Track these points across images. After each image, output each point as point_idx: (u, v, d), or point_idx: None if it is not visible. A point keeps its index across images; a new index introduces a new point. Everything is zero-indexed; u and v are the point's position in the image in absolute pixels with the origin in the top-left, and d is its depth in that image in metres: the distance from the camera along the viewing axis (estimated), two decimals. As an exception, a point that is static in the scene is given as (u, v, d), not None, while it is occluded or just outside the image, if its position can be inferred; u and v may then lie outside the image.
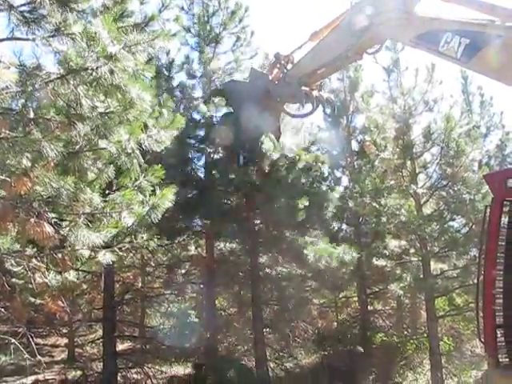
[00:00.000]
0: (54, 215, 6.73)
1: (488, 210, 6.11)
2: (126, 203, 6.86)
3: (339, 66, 10.75)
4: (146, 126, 7.34)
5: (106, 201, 6.92)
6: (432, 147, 14.94)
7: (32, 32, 5.58)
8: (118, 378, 13.67)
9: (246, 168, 12.00)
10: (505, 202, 6.02)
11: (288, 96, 10.81)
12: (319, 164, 12.82)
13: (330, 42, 9.88)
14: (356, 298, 18.99)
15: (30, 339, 7.39)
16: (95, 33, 5.22)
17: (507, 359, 5.88)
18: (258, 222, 14.42)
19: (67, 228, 6.44)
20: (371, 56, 11.27)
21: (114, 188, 7.51)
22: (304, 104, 10.87)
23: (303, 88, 10.65)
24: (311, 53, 10.34)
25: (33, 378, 12.37)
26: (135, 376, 14.47)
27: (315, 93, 10.67)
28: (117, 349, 14.01)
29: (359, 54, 9.79)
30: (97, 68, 5.32)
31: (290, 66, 11.18)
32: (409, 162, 15.04)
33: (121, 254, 6.86)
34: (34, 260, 6.70)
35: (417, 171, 15.12)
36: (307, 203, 11.76)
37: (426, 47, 7.52)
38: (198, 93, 15.20)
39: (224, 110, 12.64)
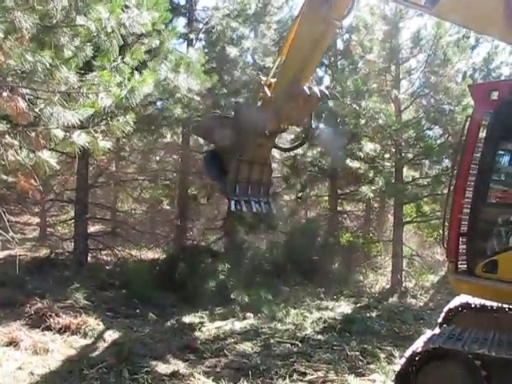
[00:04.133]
0: (28, 91, 6.54)
1: (468, 121, 6.11)
2: (104, 84, 6.67)
3: (323, 45, 10.10)
4: (127, 7, 6.99)
5: (82, 80, 6.71)
6: (419, 54, 14.64)
7: None
8: (89, 258, 13.96)
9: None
10: (486, 115, 6.02)
11: (284, 105, 10.05)
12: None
13: (304, 31, 9.35)
14: (326, 198, 19.33)
15: (3, 215, 7.40)
16: None
17: (465, 266, 6.12)
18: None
19: (42, 105, 6.27)
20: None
21: (92, 69, 7.25)
22: (312, 92, 10.16)
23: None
24: (289, 57, 9.73)
25: (5, 253, 12.53)
26: (105, 258, 14.78)
27: (315, 88, 10.07)
28: (88, 230, 14.21)
29: (338, 20, 9.33)
30: None
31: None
32: (393, 67, 14.80)
33: (96, 135, 6.74)
34: (7, 137, 6.56)
35: (400, 77, 14.92)
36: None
37: None
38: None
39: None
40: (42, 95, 6.73)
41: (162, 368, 7.21)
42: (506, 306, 6.69)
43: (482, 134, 6.12)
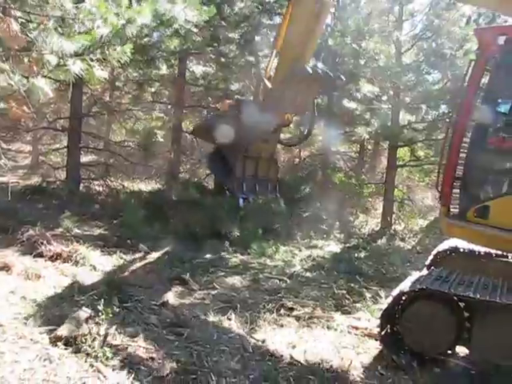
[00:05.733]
0: (20, 14, 6.34)
1: (471, 66, 6.01)
2: (101, 13, 6.46)
3: (319, 26, 9.73)
4: None
5: (78, 7, 6.49)
6: (424, -6, 14.36)
7: None
8: (81, 188, 13.95)
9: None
10: (490, 60, 5.92)
11: (287, 91, 9.54)
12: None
13: (298, 14, 9.02)
14: (321, 138, 19.25)
15: (-5, 141, 7.32)
16: None
17: (457, 210, 6.19)
18: (235, 48, 14.08)
19: (36, 30, 6.09)
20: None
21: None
22: (316, 72, 9.70)
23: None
24: (286, 43, 9.30)
25: (-2, 179, 12.52)
26: (97, 188, 14.77)
27: (318, 69, 9.68)
28: (80, 160, 14.14)
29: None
30: None
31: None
32: (397, 8, 14.49)
33: (91, 63, 6.58)
34: (-2, 60, 6.39)
35: (403, 18, 14.62)
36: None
37: None
38: None
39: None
40: (35, 19, 6.53)
41: (152, 298, 7.31)
42: (493, 251, 6.81)
43: (485, 79, 6.04)
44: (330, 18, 16.89)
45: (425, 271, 6.65)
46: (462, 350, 5.74)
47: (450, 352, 5.60)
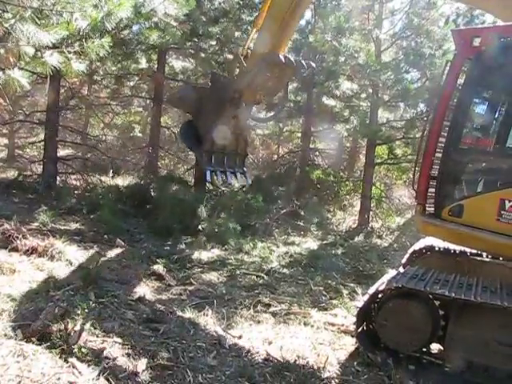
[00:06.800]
0: (-5, 5, 6.25)
1: (448, 66, 6.07)
2: (79, 4, 6.38)
3: (299, 14, 9.68)
4: None
5: (55, -2, 6.41)
6: (404, -7, 14.48)
7: None
8: (57, 182, 13.80)
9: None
10: (466, 61, 5.98)
11: (260, 75, 9.53)
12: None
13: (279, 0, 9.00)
14: (300, 134, 19.31)
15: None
16: None
17: (432, 209, 6.25)
18: (214, 43, 14.03)
19: (12, 20, 5.99)
20: None
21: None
22: (287, 62, 9.70)
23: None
24: (264, 27, 9.25)
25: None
26: (74, 182, 14.62)
27: (291, 57, 9.68)
28: (57, 154, 13.98)
29: None
30: None
31: None
32: (377, 6, 14.56)
33: (69, 56, 6.51)
34: (-28, 53, 6.28)
35: (383, 16, 14.71)
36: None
37: None
38: None
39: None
40: (11, 10, 6.43)
41: (128, 293, 7.27)
42: (467, 250, 6.89)
43: (461, 80, 6.09)
44: (311, 14, 17.01)
45: (401, 269, 6.71)
46: (436, 348, 5.81)
47: (424, 349, 5.65)
